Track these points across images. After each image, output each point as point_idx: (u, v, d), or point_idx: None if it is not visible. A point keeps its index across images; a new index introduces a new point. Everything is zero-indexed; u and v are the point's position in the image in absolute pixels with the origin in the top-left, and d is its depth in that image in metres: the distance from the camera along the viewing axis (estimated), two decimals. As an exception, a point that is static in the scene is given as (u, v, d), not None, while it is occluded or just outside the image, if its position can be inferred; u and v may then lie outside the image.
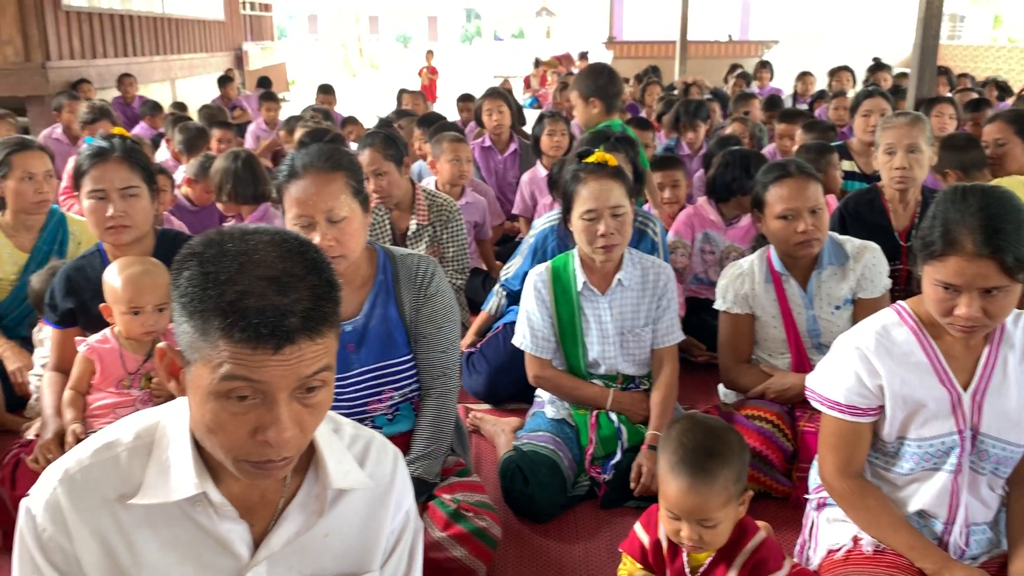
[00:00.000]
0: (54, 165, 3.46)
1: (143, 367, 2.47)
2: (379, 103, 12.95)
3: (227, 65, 14.45)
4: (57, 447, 2.39)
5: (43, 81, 8.85)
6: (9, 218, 3.34)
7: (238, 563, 1.22)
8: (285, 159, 2.15)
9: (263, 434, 1.08)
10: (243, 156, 3.89)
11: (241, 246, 1.08)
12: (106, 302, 2.44)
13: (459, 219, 3.68)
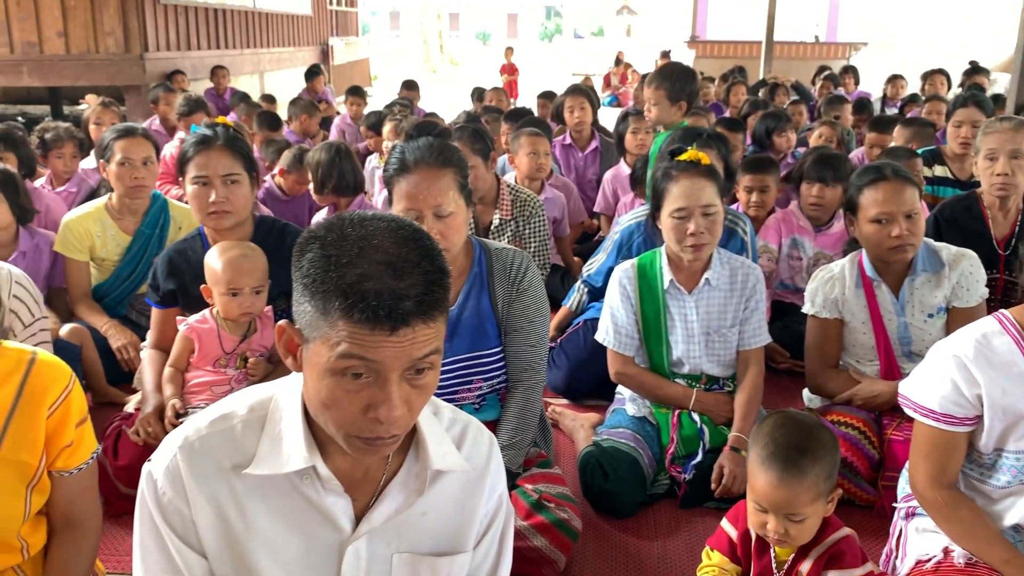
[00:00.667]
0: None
1: (239, 348, 2.57)
2: (458, 100, 13.07)
3: (313, 59, 14.76)
4: (157, 421, 2.51)
5: (140, 71, 9.20)
6: (115, 202, 3.50)
7: (340, 536, 1.27)
8: (394, 151, 2.20)
9: (374, 411, 1.12)
10: (342, 149, 3.98)
11: (361, 231, 1.13)
12: (206, 284, 2.54)
13: (541, 214, 3.72)
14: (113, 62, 9.13)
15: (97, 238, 3.46)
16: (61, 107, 10.55)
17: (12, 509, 1.59)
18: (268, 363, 2.63)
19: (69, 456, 1.66)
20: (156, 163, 3.56)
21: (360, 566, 1.28)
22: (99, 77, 9.24)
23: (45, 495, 1.66)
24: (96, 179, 4.66)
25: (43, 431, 1.61)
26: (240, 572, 1.25)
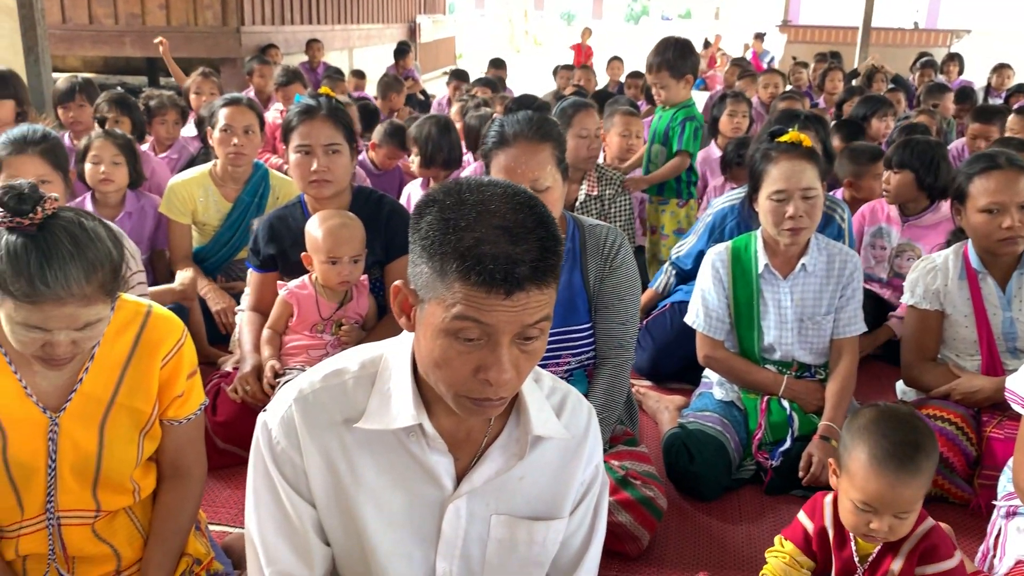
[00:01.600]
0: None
1: (335, 314, 2.64)
2: (542, 79, 13.03)
3: (401, 36, 14.90)
4: (255, 380, 2.60)
5: (236, 45, 9.45)
6: (218, 169, 3.61)
7: (442, 493, 1.31)
8: (493, 125, 2.22)
9: (485, 373, 1.15)
10: (448, 123, 4.01)
11: (478, 196, 1.15)
12: (305, 251, 2.61)
13: (627, 193, 3.70)
14: (211, 35, 9.40)
15: (200, 203, 3.58)
16: (158, 78, 10.91)
17: (126, 453, 1.67)
18: (361, 330, 2.70)
19: (180, 406, 1.74)
20: (258, 133, 3.65)
21: (460, 524, 1.32)
22: (197, 49, 9.52)
23: (156, 442, 1.74)
24: (196, 147, 4.81)
25: (156, 380, 1.69)
26: (346, 522, 1.30)
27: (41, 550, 1.65)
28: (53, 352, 1.49)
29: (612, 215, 3.67)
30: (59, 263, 1.42)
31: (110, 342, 1.65)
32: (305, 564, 1.30)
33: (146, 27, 9.50)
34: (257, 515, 1.30)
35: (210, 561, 1.79)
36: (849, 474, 1.74)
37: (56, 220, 1.46)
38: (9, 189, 1.44)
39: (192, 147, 4.80)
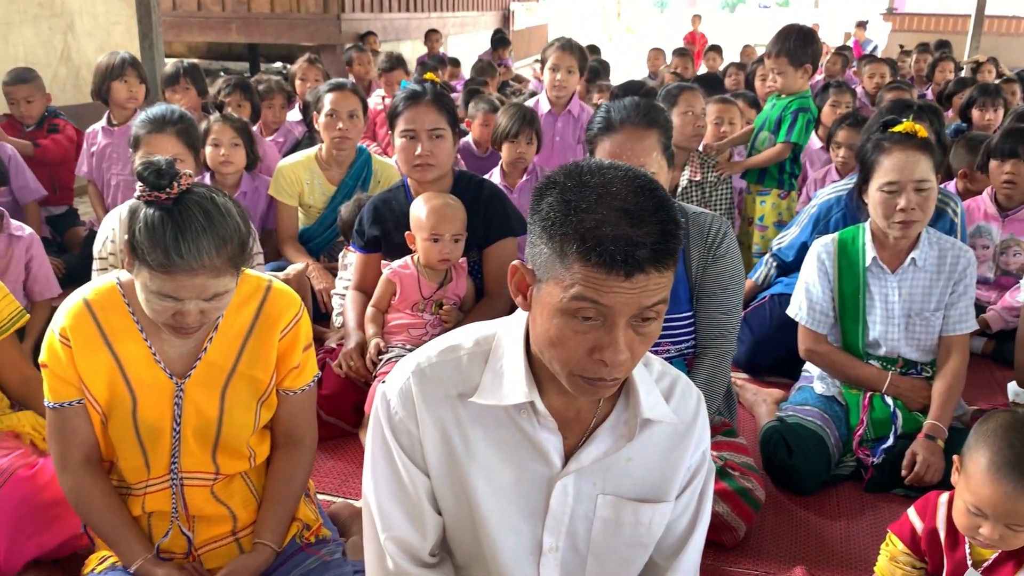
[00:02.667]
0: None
1: (436, 294, 2.70)
2: (634, 67, 12.90)
3: (495, 24, 14.98)
4: (358, 356, 2.68)
5: (336, 31, 9.67)
6: (324, 153, 3.72)
7: (551, 471, 1.33)
8: (599, 110, 2.23)
9: (600, 354, 1.17)
10: (530, 114, 4.03)
11: (599, 179, 1.16)
12: (409, 231, 2.68)
13: (728, 181, 3.66)
14: (312, 21, 9.64)
15: (306, 185, 3.70)
16: (259, 64, 11.25)
17: (244, 419, 1.76)
18: (459, 311, 2.75)
19: (295, 377, 1.82)
20: (361, 117, 3.74)
21: (567, 501, 1.34)
22: (298, 36, 9.79)
23: (272, 411, 1.82)
24: (300, 131, 4.96)
25: (275, 352, 1.77)
26: (458, 493, 1.34)
27: (165, 508, 1.75)
28: (183, 321, 1.58)
29: (713, 202, 3.63)
30: (192, 236, 1.51)
31: (233, 314, 1.73)
32: (418, 531, 1.34)
33: (251, 14, 9.81)
34: (374, 482, 1.36)
35: (319, 527, 1.86)
36: (967, 475, 1.69)
37: (190, 195, 1.55)
38: (148, 165, 1.53)
39: (297, 131, 4.95)
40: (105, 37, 7.13)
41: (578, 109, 4.51)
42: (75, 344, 1.65)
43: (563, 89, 4.39)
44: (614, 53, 20.20)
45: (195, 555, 1.77)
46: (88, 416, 1.70)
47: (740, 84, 6.58)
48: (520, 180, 3.82)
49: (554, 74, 4.36)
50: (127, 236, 1.57)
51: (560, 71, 4.34)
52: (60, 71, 6.70)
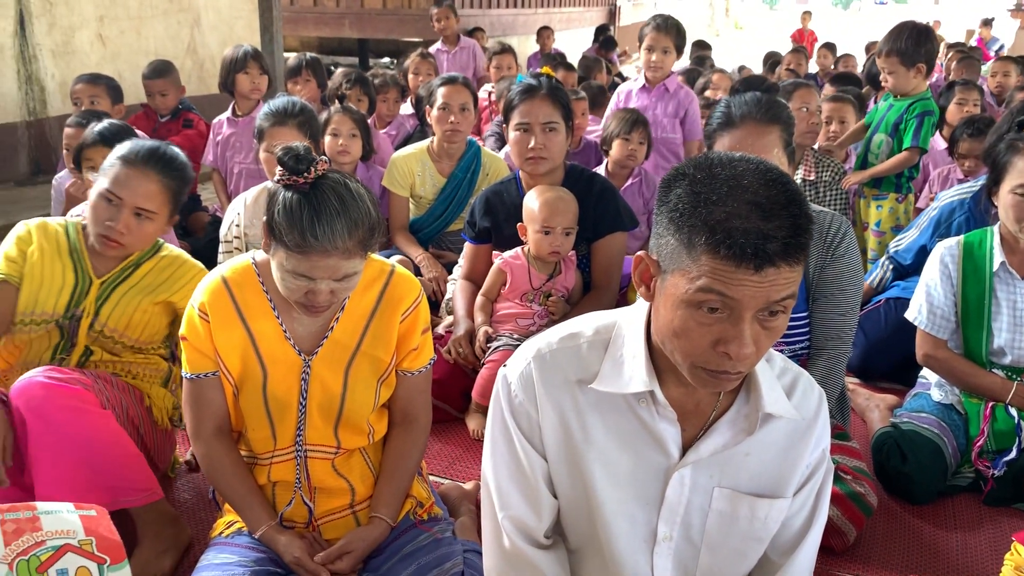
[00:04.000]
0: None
1: (545, 286, 2.73)
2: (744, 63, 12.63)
3: (601, 19, 14.94)
4: (467, 343, 2.75)
5: (446, 27, 9.80)
6: (435, 145, 3.80)
7: (668, 461, 1.35)
8: (719, 105, 2.22)
9: (724, 346, 1.17)
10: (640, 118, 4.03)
11: (730, 171, 1.17)
12: (520, 223, 2.72)
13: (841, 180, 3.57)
14: (422, 18, 9.82)
15: (417, 177, 3.80)
16: (368, 59, 11.54)
17: (365, 397, 1.83)
18: (566, 304, 2.78)
19: (414, 359, 1.88)
20: (472, 110, 3.81)
21: (683, 492, 1.35)
22: (409, 31, 10.01)
23: (390, 390, 1.90)
24: (412, 124, 5.08)
25: (396, 333, 1.84)
26: (575, 478, 1.37)
27: (289, 478, 1.84)
28: (314, 299, 1.66)
29: (827, 202, 3.56)
30: (327, 219, 1.58)
31: (358, 295, 1.81)
32: (535, 512, 1.38)
33: (364, 9, 10.08)
34: (493, 461, 1.40)
35: (431, 505, 1.92)
36: None
37: (325, 180, 1.63)
38: (288, 151, 1.61)
39: (409, 124, 5.07)
40: (228, 31, 7.45)
41: (674, 85, 4.43)
42: (213, 319, 1.75)
43: (659, 69, 4.35)
44: (721, 49, 19.84)
45: (315, 525, 1.85)
46: (222, 388, 1.80)
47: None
48: (626, 183, 3.81)
49: (649, 54, 4.32)
50: (265, 217, 1.66)
51: (656, 52, 4.30)
52: (186, 63, 7.04)
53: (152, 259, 2.23)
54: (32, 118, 5.79)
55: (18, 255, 2.15)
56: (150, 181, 2.12)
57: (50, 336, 2.15)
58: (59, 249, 2.17)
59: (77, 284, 2.15)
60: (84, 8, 6.10)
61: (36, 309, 2.13)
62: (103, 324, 2.16)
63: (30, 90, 5.77)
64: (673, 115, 4.37)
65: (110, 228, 2.09)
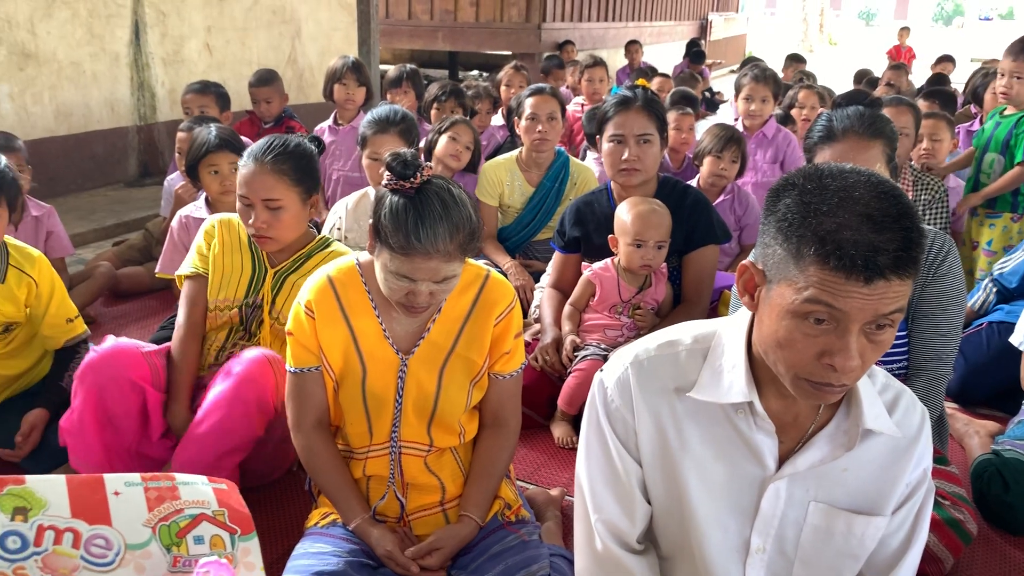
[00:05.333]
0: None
1: (634, 298, 2.73)
2: (837, 80, 12.36)
3: (692, 34, 14.83)
4: (554, 351, 2.77)
5: (536, 40, 9.92)
6: (524, 155, 3.85)
7: (763, 473, 1.34)
8: (820, 119, 2.20)
9: (829, 358, 1.16)
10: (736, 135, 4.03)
11: (841, 183, 1.16)
12: (608, 235, 2.73)
13: (945, 200, 3.46)
14: (513, 31, 9.95)
15: (506, 186, 3.85)
16: (457, 71, 11.73)
17: (458, 397, 1.87)
18: (655, 316, 2.78)
19: (505, 362, 1.92)
20: (560, 120, 3.84)
21: (779, 505, 1.34)
22: (499, 44, 10.14)
23: (482, 392, 1.93)
24: (502, 135, 5.14)
25: (489, 337, 1.88)
26: (669, 485, 1.38)
27: (383, 473, 1.89)
28: (414, 300, 1.71)
29: (928, 221, 3.46)
30: (431, 222, 1.63)
31: (454, 298, 1.85)
32: (628, 516, 1.39)
33: (457, 23, 10.26)
34: (587, 465, 1.42)
35: (519, 507, 1.95)
36: None
37: (430, 185, 1.68)
38: (396, 156, 1.67)
39: (499, 135, 5.14)
40: (327, 42, 7.69)
41: (772, 130, 4.56)
42: (318, 316, 1.82)
43: (757, 118, 4.57)
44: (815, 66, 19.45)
45: (406, 520, 1.90)
46: (323, 383, 1.87)
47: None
48: (719, 198, 3.78)
49: (748, 104, 4.55)
50: (372, 220, 1.72)
51: (755, 102, 4.53)
52: (287, 73, 7.29)
53: (322, 252, 2.33)
54: (143, 123, 6.09)
55: (205, 248, 2.34)
56: (265, 174, 2.19)
57: (232, 321, 2.33)
58: (240, 242, 2.33)
59: (254, 273, 2.31)
60: (194, 19, 6.39)
61: (220, 295, 2.31)
62: (278, 311, 2.29)
63: (142, 96, 6.07)
64: (772, 160, 4.50)
65: (251, 227, 2.21)
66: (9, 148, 3.30)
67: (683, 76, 7.06)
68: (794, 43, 26.86)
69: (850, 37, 32.40)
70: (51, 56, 5.41)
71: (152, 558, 1.36)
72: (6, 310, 2.41)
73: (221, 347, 2.34)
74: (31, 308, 2.48)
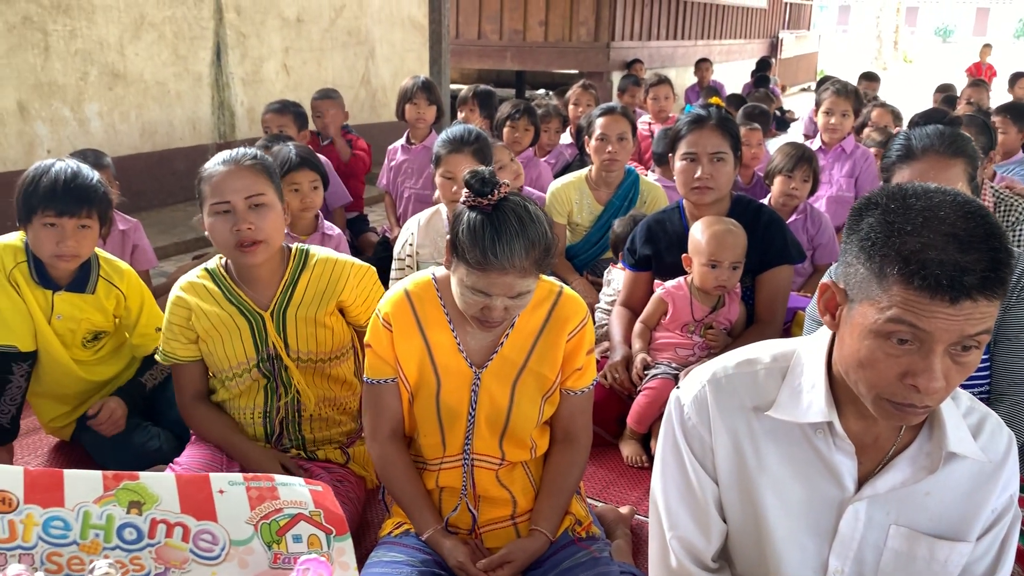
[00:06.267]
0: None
1: (707, 317, 2.72)
2: (912, 98, 12.10)
3: (762, 52, 14.68)
4: (623, 369, 2.77)
5: (604, 59, 9.96)
6: (593, 174, 3.87)
7: (842, 494, 1.32)
8: (898, 138, 2.17)
9: (913, 379, 1.15)
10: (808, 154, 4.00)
11: (925, 202, 1.15)
12: (685, 254, 2.72)
13: (1026, 223, 3.36)
14: (582, 50, 10.01)
15: (575, 204, 3.87)
16: (524, 90, 11.83)
17: (529, 412, 1.89)
18: (728, 336, 2.75)
19: (577, 378, 1.93)
20: (630, 139, 3.85)
21: (857, 527, 1.33)
22: (568, 63, 10.20)
23: (554, 407, 1.95)
24: (571, 153, 5.18)
25: (562, 352, 1.89)
26: (745, 504, 1.37)
27: (456, 485, 1.92)
28: (489, 315, 1.74)
29: (1011, 243, 3.36)
30: (507, 239, 1.66)
31: (527, 314, 1.88)
32: (703, 534, 1.39)
33: (525, 43, 10.36)
34: (663, 481, 1.42)
35: (589, 524, 1.95)
36: None
37: (507, 202, 1.71)
38: (475, 174, 1.71)
39: (568, 153, 5.17)
40: (399, 63, 7.85)
41: (851, 146, 4.51)
42: (395, 328, 1.86)
43: (837, 131, 4.58)
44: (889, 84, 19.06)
45: (477, 533, 1.92)
46: (399, 394, 1.91)
47: None
48: (791, 217, 3.73)
49: (828, 118, 4.57)
50: (448, 235, 1.75)
51: (835, 115, 4.56)
52: (360, 93, 7.47)
53: (306, 271, 2.19)
54: (222, 140, 6.30)
55: (181, 331, 2.18)
56: (243, 172, 2.09)
57: (258, 382, 2.21)
58: (216, 299, 2.17)
59: (251, 324, 2.16)
60: (272, 40, 6.60)
61: (229, 363, 2.18)
62: (297, 352, 2.18)
63: (222, 115, 6.28)
64: (849, 175, 4.51)
65: (234, 233, 2.06)
66: (99, 165, 3.45)
67: (757, 95, 6.99)
68: (867, 61, 26.36)
69: (926, 54, 31.66)
70: (138, 76, 5.64)
71: (255, 554, 1.43)
72: (95, 319, 2.52)
73: (264, 412, 2.24)
74: (120, 318, 2.59)
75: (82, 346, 2.55)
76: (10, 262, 2.41)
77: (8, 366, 2.44)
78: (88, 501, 1.35)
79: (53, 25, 5.05)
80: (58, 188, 2.31)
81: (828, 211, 4.25)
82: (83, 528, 1.33)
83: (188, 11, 5.89)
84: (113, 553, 1.33)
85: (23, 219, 2.35)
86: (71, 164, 2.39)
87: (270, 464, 2.15)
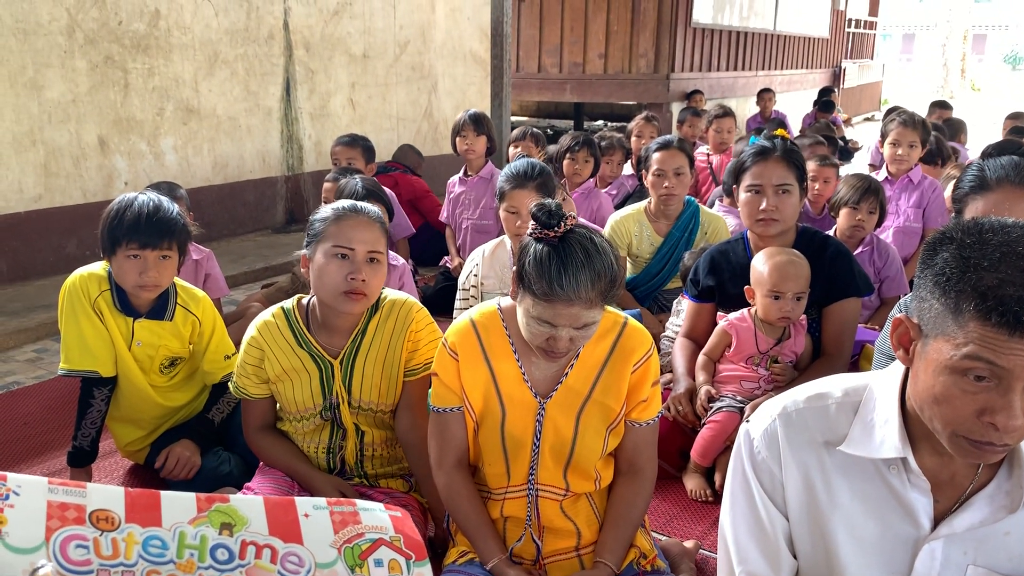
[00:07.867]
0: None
1: (772, 350, 2.69)
2: (981, 126, 11.83)
3: (824, 82, 14.54)
4: (687, 402, 2.75)
5: (664, 90, 9.97)
6: (652, 206, 3.88)
7: (917, 533, 1.30)
8: (971, 168, 2.14)
9: (991, 416, 1.13)
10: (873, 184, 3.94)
11: (1003, 237, 1.14)
12: (745, 285, 2.71)
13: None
14: (642, 81, 10.04)
15: (635, 237, 3.88)
16: (582, 122, 11.89)
17: (594, 443, 1.89)
18: (794, 370, 2.72)
19: (642, 410, 1.93)
20: (688, 172, 3.84)
21: (934, 567, 1.30)
22: (627, 95, 10.23)
23: (618, 439, 1.95)
24: (632, 184, 5.19)
25: (627, 383, 1.89)
26: (816, 540, 1.35)
27: (520, 515, 1.93)
28: (555, 345, 1.75)
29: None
30: (573, 270, 1.68)
31: (592, 345, 1.89)
32: (773, 569, 1.37)
33: (585, 75, 10.44)
34: (732, 516, 1.41)
35: (654, 557, 1.94)
36: None
37: (573, 234, 1.73)
38: (542, 207, 1.74)
39: (629, 184, 5.19)
40: (461, 97, 7.99)
41: (918, 176, 4.47)
42: (461, 358, 1.89)
43: (904, 163, 4.53)
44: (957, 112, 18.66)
45: (541, 564, 1.92)
46: (464, 423, 1.93)
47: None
48: (857, 249, 3.68)
49: (895, 149, 4.53)
50: (515, 267, 1.78)
51: (902, 146, 4.51)
52: (423, 126, 7.61)
53: (376, 315, 2.20)
54: (290, 173, 6.48)
55: (254, 371, 2.21)
56: (371, 226, 2.12)
57: (320, 429, 2.24)
58: (288, 343, 2.19)
59: (321, 371, 2.18)
60: (339, 76, 6.78)
61: (297, 407, 2.21)
62: (359, 401, 2.21)
63: (290, 148, 6.47)
64: (916, 206, 4.46)
65: (348, 282, 2.06)
66: (174, 196, 3.57)
67: (818, 126, 6.93)
68: (933, 89, 25.87)
69: (994, 82, 30.92)
70: (211, 111, 5.85)
71: None
72: (173, 346, 2.61)
73: (328, 448, 2.27)
74: (194, 345, 2.67)
75: (159, 372, 2.64)
76: (95, 291, 2.51)
77: (90, 391, 2.54)
78: (183, 521, 1.40)
79: (133, 64, 5.28)
80: (141, 221, 2.41)
81: (895, 243, 4.18)
82: (179, 547, 1.37)
83: (259, 48, 6.10)
84: (207, 572, 1.37)
85: (107, 250, 2.45)
86: (153, 198, 2.48)
87: (332, 492, 2.17)
